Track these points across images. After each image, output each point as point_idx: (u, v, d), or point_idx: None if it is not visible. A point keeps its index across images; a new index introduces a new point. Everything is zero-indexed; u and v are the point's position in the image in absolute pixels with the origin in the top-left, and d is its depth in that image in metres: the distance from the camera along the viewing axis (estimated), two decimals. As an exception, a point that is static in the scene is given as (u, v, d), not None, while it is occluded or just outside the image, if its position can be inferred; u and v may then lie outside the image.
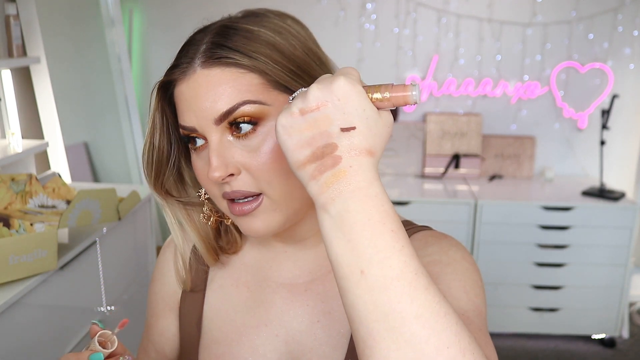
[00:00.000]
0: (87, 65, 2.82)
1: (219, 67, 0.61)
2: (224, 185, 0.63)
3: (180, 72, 0.63)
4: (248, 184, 0.62)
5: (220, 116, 0.60)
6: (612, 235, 2.55)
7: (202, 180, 0.66)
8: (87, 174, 2.82)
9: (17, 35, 1.92)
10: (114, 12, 2.72)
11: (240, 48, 0.61)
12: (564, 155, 2.99)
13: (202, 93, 0.61)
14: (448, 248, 0.68)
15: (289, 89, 0.62)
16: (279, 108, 0.62)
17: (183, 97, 0.63)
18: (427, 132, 2.90)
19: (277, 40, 0.63)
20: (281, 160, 0.61)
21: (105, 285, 1.77)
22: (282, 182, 0.62)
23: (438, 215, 2.57)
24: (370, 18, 2.89)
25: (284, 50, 0.62)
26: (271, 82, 0.61)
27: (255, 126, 0.61)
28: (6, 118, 2.02)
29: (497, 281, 2.61)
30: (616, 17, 2.79)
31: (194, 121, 0.62)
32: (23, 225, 1.51)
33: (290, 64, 0.62)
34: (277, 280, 0.74)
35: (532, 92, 2.91)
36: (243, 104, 0.60)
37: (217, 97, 0.60)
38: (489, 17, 2.85)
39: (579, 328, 2.68)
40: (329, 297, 0.71)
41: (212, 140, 0.62)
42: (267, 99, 0.61)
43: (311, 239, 0.73)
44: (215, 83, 0.61)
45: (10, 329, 1.34)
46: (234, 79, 0.61)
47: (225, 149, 0.62)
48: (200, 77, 0.61)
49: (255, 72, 0.61)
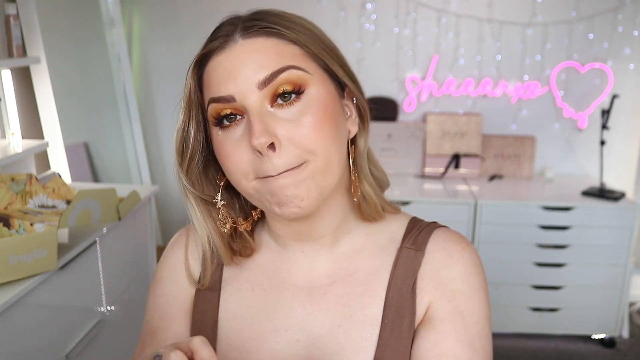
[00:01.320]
0: (87, 65, 2.82)
1: (262, 36, 0.62)
2: (267, 168, 0.61)
3: (219, 43, 0.63)
4: (292, 155, 0.61)
5: (265, 79, 0.60)
6: (612, 235, 2.55)
7: (232, 164, 0.63)
8: (87, 174, 2.82)
9: (17, 35, 1.92)
10: (114, 12, 2.72)
11: (279, 23, 0.63)
12: (564, 155, 2.99)
13: (245, 59, 0.61)
14: (472, 272, 0.70)
15: (326, 64, 0.65)
16: (318, 79, 0.64)
17: (221, 68, 0.62)
18: (427, 132, 2.90)
19: (310, 27, 0.66)
20: (323, 126, 0.62)
21: (105, 285, 1.77)
22: (326, 150, 0.62)
23: (438, 215, 2.56)
24: (370, 18, 2.89)
25: (317, 33, 0.66)
26: (310, 54, 0.64)
27: (299, 94, 0.62)
28: (6, 118, 2.02)
29: (497, 281, 2.61)
30: (616, 17, 2.79)
31: (232, 89, 0.61)
32: (23, 225, 1.51)
33: (324, 45, 0.66)
34: (294, 283, 0.73)
35: (532, 92, 2.91)
36: (288, 68, 0.61)
37: (261, 63, 0.61)
38: (489, 17, 2.85)
39: (579, 328, 2.68)
40: (350, 300, 0.70)
41: (254, 107, 0.61)
42: (308, 67, 0.63)
43: (327, 237, 0.72)
44: (258, 50, 0.61)
45: (10, 329, 1.34)
46: (278, 46, 0.62)
47: (266, 116, 0.61)
48: (243, 45, 0.62)
49: (297, 44, 0.63)
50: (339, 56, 0.68)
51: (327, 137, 0.62)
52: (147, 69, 3.04)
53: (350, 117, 0.70)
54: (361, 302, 0.70)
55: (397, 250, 0.72)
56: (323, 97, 0.63)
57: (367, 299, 0.70)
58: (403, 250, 0.72)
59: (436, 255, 0.70)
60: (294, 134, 0.61)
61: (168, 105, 3.05)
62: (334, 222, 0.71)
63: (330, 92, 0.65)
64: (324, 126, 0.62)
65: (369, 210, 0.72)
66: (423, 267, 0.70)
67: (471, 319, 0.67)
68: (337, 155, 0.64)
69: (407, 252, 0.71)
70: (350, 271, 0.72)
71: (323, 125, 0.62)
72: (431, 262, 0.70)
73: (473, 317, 0.67)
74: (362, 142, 0.71)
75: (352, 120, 0.70)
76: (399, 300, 0.69)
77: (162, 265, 0.80)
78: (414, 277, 0.70)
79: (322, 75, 0.65)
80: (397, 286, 0.70)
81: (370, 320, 0.69)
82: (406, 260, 0.71)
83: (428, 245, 0.71)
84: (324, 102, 0.63)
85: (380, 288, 0.70)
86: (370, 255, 0.72)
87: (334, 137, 0.64)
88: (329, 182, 0.64)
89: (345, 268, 0.72)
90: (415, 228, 0.74)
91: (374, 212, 0.72)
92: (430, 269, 0.70)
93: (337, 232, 0.72)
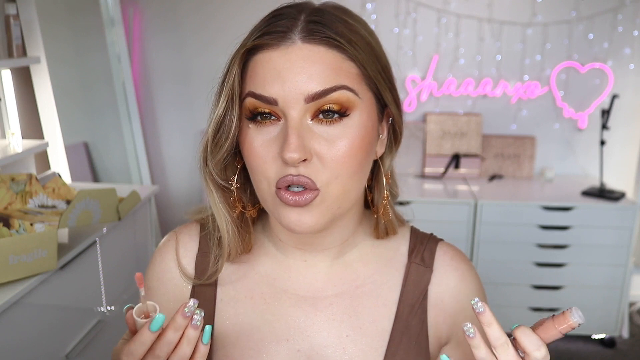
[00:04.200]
0: (87, 65, 2.82)
1: (323, 46, 0.59)
2: (289, 168, 0.59)
3: (275, 39, 0.59)
4: (315, 173, 0.59)
5: (315, 94, 0.58)
6: (612, 235, 2.55)
7: (257, 160, 0.61)
8: (87, 174, 2.82)
9: (17, 35, 1.92)
10: (114, 12, 2.72)
11: (343, 35, 0.60)
12: (564, 155, 2.99)
13: (300, 65, 0.58)
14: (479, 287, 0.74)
15: (377, 89, 0.63)
16: (366, 103, 0.62)
17: (272, 66, 0.59)
18: (427, 132, 2.90)
19: (370, 39, 0.64)
20: (355, 155, 0.61)
21: (105, 285, 1.77)
22: (346, 179, 0.61)
23: (438, 215, 2.57)
24: (370, 18, 2.89)
25: (375, 49, 0.64)
26: (365, 76, 0.62)
27: (342, 116, 0.60)
28: (6, 118, 2.02)
29: (497, 281, 2.61)
30: (616, 17, 2.79)
31: (279, 92, 0.58)
32: (23, 225, 1.51)
33: (380, 65, 0.64)
34: (296, 292, 0.71)
35: (532, 92, 2.91)
36: (340, 88, 0.59)
37: (315, 74, 0.58)
38: (489, 17, 2.85)
39: (578, 328, 2.67)
40: (358, 312, 0.70)
41: (294, 119, 0.59)
42: (359, 91, 0.61)
43: (333, 250, 0.71)
44: (316, 60, 0.58)
45: (10, 329, 1.34)
46: (336, 62, 0.59)
47: (304, 130, 0.59)
48: (301, 50, 0.59)
49: (355, 61, 0.61)
50: (391, 79, 0.66)
51: (355, 165, 0.61)
52: (147, 69, 3.04)
53: (381, 138, 0.68)
54: (371, 315, 0.70)
55: (406, 265, 0.74)
56: (365, 124, 0.62)
57: (378, 312, 0.71)
58: (412, 266, 0.73)
59: (449, 275, 0.73)
60: (326, 154, 0.59)
61: (168, 105, 3.05)
62: (342, 235, 0.71)
63: (372, 119, 0.63)
64: (356, 155, 0.61)
65: (385, 229, 0.73)
66: (434, 284, 0.73)
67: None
68: (357, 184, 0.63)
69: (416, 268, 0.73)
70: (358, 283, 0.72)
71: (356, 153, 0.60)
72: (446, 283, 0.73)
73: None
74: (388, 163, 0.71)
75: (381, 140, 0.68)
76: (409, 315, 0.71)
77: (151, 273, 0.76)
78: (423, 292, 0.72)
79: (371, 99, 0.63)
80: (408, 301, 0.71)
81: (380, 332, 0.70)
82: (416, 276, 0.73)
83: (435, 263, 0.74)
84: (365, 129, 0.62)
85: (391, 302, 0.71)
86: (377, 268, 0.73)
87: (361, 166, 0.63)
88: (344, 208, 0.64)
89: (352, 280, 0.72)
90: (418, 242, 0.76)
91: (390, 231, 0.73)
92: (446, 289, 0.73)
93: (344, 245, 0.72)
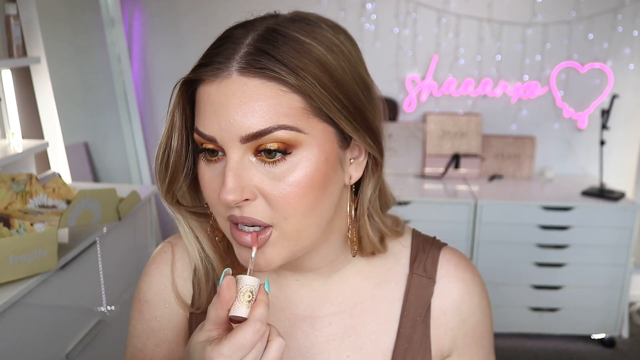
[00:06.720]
0: (87, 65, 2.82)
1: (259, 78, 0.53)
2: (234, 209, 0.56)
3: (211, 72, 0.55)
4: (261, 212, 0.56)
5: (249, 135, 0.53)
6: (612, 235, 2.55)
7: (209, 195, 0.58)
8: (87, 174, 2.82)
9: (17, 35, 1.92)
10: (114, 12, 2.72)
11: (287, 62, 0.53)
12: (564, 155, 2.99)
13: (234, 103, 0.53)
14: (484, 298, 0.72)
15: (330, 119, 0.56)
16: (315, 137, 0.55)
17: (209, 100, 0.55)
18: (427, 132, 2.90)
19: (328, 59, 0.55)
20: (304, 195, 0.55)
21: (105, 285, 1.77)
22: (300, 218, 0.56)
23: (438, 215, 2.57)
24: (370, 18, 2.89)
25: (333, 73, 0.55)
26: (313, 107, 0.55)
27: (285, 154, 0.54)
28: (6, 118, 2.02)
29: (497, 281, 2.61)
30: (616, 17, 2.79)
31: (216, 131, 0.54)
32: (23, 225, 1.51)
33: (337, 90, 0.56)
34: (293, 312, 0.69)
35: (532, 92, 2.91)
36: (278, 129, 0.53)
37: (250, 113, 0.53)
38: (489, 17, 2.85)
39: (578, 328, 2.68)
40: (359, 331, 0.68)
41: (232, 158, 0.54)
42: (304, 126, 0.54)
43: (324, 269, 0.68)
44: (251, 96, 0.53)
45: (11, 329, 1.34)
46: (274, 96, 0.53)
47: (245, 169, 0.55)
48: (235, 84, 0.53)
49: (298, 93, 0.54)
50: (356, 103, 0.58)
51: (305, 205, 0.56)
52: (147, 69, 3.04)
53: (357, 160, 0.62)
54: (372, 333, 0.68)
55: (407, 277, 0.70)
56: (316, 159, 0.56)
57: (379, 330, 0.68)
58: (414, 278, 0.70)
59: (453, 287, 0.70)
60: (271, 193, 0.55)
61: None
62: (328, 256, 0.67)
63: (327, 150, 0.57)
64: (305, 194, 0.55)
65: (368, 250, 0.68)
66: (437, 296, 0.70)
67: (485, 339, 0.72)
68: (314, 222, 0.58)
69: (418, 280, 0.70)
70: (357, 301, 0.69)
71: (305, 192, 0.55)
72: (449, 294, 0.70)
73: (487, 336, 0.72)
74: (369, 191, 0.65)
75: (357, 162, 0.62)
76: (412, 331, 0.68)
77: (148, 286, 0.73)
78: (426, 306, 0.69)
79: (324, 130, 0.56)
80: (410, 316, 0.69)
81: (382, 351, 0.68)
82: (418, 289, 0.69)
83: (438, 272, 0.70)
84: (315, 165, 0.56)
85: (393, 319, 0.69)
86: (376, 283, 0.70)
87: (315, 204, 0.57)
88: (303, 245, 0.59)
89: (350, 297, 0.69)
90: (420, 249, 0.72)
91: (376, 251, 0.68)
92: (449, 302, 0.70)
93: (334, 263, 0.68)
